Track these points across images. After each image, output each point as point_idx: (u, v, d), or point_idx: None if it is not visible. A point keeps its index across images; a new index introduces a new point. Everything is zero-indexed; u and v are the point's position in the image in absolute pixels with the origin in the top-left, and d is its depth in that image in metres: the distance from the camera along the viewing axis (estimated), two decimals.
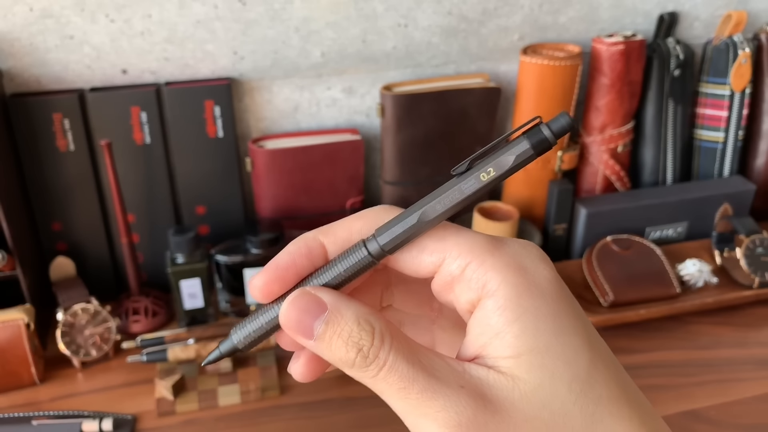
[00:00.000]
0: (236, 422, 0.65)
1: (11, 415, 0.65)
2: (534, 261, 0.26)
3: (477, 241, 0.26)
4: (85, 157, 0.74)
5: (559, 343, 0.25)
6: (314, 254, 0.28)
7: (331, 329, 0.26)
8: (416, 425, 0.25)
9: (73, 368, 0.71)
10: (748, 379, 0.70)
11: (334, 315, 0.26)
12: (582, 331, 0.26)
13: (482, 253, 0.26)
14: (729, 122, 0.90)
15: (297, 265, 0.28)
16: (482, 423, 0.24)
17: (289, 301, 0.27)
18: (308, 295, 0.27)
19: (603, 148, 0.87)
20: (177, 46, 0.76)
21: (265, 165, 0.79)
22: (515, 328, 0.25)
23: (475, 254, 0.26)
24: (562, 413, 0.24)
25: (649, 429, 0.25)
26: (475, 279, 0.26)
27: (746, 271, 0.80)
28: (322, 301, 0.26)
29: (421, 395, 0.24)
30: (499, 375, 0.25)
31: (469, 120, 0.83)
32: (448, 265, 0.26)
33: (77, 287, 0.74)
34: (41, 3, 0.70)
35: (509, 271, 0.25)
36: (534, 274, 0.26)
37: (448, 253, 0.26)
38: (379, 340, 0.25)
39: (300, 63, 0.80)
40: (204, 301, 0.75)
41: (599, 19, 0.87)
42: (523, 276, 0.26)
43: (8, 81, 0.73)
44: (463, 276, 0.26)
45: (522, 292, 0.25)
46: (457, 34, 0.83)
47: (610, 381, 0.25)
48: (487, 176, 0.26)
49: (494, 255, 0.26)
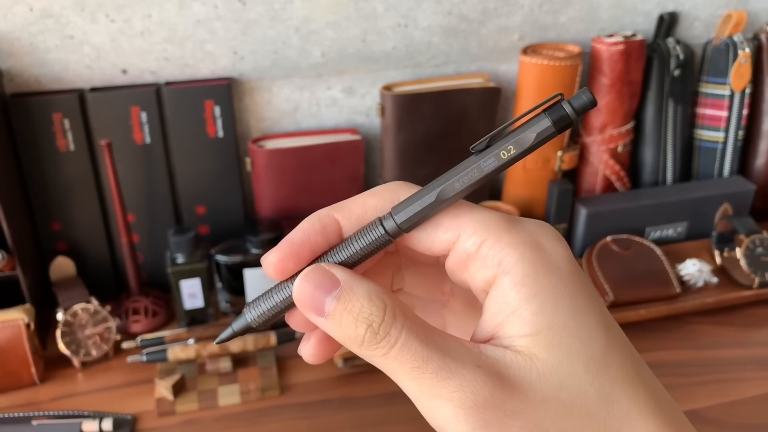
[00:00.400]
0: (236, 422, 0.65)
1: (11, 415, 0.65)
2: (550, 240, 0.26)
3: (493, 218, 0.26)
4: (85, 157, 0.74)
5: (575, 321, 0.24)
6: (329, 231, 0.28)
7: (342, 305, 0.25)
8: (430, 407, 0.24)
9: (73, 368, 0.71)
10: (748, 379, 0.70)
11: (346, 291, 0.26)
12: (598, 311, 0.25)
13: (498, 230, 0.26)
14: (729, 122, 0.90)
15: (312, 242, 0.27)
16: (499, 403, 0.24)
17: (303, 275, 0.26)
18: (322, 270, 0.26)
19: (603, 148, 0.87)
20: (177, 46, 0.76)
21: (265, 165, 0.79)
22: (533, 304, 0.24)
23: (490, 231, 0.26)
24: (579, 393, 0.24)
25: (663, 410, 0.25)
26: (491, 256, 0.25)
27: (746, 271, 0.80)
28: (335, 277, 0.26)
29: (435, 375, 0.24)
30: (516, 354, 0.24)
31: (469, 120, 0.83)
32: (463, 242, 0.26)
33: (77, 287, 0.74)
34: (41, 3, 0.70)
35: (526, 248, 0.25)
36: (551, 252, 0.25)
37: (464, 230, 0.26)
38: (391, 317, 0.25)
39: (300, 63, 0.80)
40: (204, 301, 0.75)
41: (599, 19, 0.87)
42: (540, 253, 0.25)
43: (8, 81, 0.73)
44: (478, 253, 0.26)
45: (539, 270, 0.25)
46: (457, 34, 0.83)
47: (625, 362, 0.25)
48: (507, 154, 0.26)
49: (510, 232, 0.25)
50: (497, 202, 0.84)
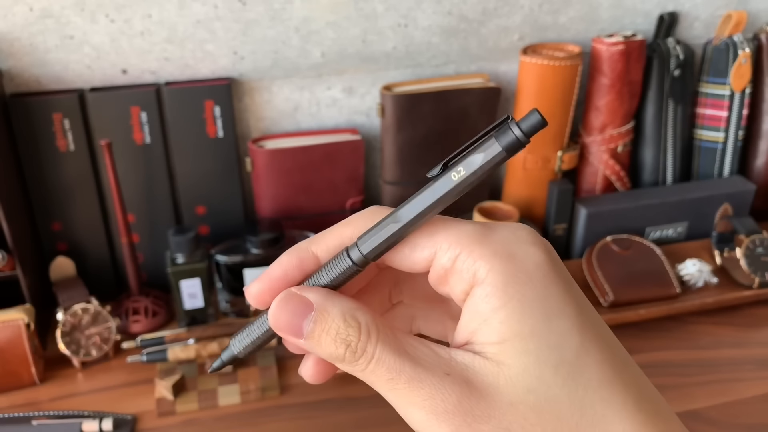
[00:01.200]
0: (236, 422, 0.65)
1: (11, 415, 0.65)
2: (523, 245, 0.27)
3: (465, 231, 0.27)
4: (85, 157, 0.74)
5: (545, 327, 0.25)
6: (305, 265, 0.29)
7: (319, 327, 0.26)
8: (407, 414, 0.26)
9: (73, 368, 0.71)
10: (748, 379, 0.70)
11: (321, 314, 0.26)
12: (573, 314, 0.26)
13: (471, 243, 0.26)
14: (729, 122, 0.90)
15: (288, 277, 0.28)
16: (467, 409, 0.24)
17: (276, 303, 0.27)
18: (294, 296, 0.27)
19: (603, 148, 0.87)
20: (177, 46, 0.76)
21: (265, 165, 0.79)
22: (501, 314, 0.25)
23: (464, 245, 0.26)
24: (549, 398, 0.24)
25: (645, 412, 0.25)
26: (465, 269, 0.26)
27: (746, 271, 0.80)
28: (308, 301, 0.27)
29: (408, 385, 0.25)
30: (485, 360, 0.25)
31: (469, 120, 0.83)
32: (440, 258, 0.27)
33: (77, 287, 0.74)
34: (41, 3, 0.70)
35: (497, 258, 0.26)
36: (523, 259, 0.26)
37: (439, 247, 0.27)
38: (366, 335, 0.26)
39: (300, 63, 0.80)
40: (204, 301, 0.75)
41: (599, 19, 0.87)
42: (511, 263, 0.26)
43: (8, 81, 0.73)
44: (454, 268, 0.26)
45: (509, 279, 0.25)
46: (457, 34, 0.83)
47: (603, 364, 0.25)
48: (457, 176, 0.26)
49: (482, 244, 0.26)
50: (497, 203, 0.84)
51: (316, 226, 0.80)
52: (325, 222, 0.83)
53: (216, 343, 0.70)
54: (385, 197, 0.85)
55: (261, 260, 0.76)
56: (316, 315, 0.26)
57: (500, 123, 0.25)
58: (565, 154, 0.86)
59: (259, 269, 0.76)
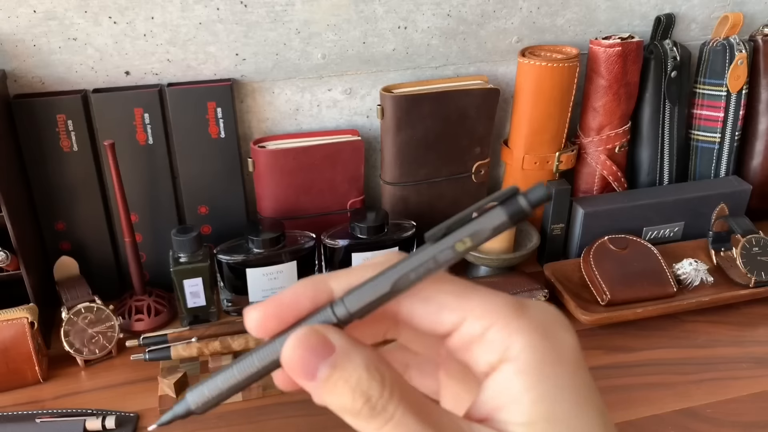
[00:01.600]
0: (238, 419, 0.66)
1: (15, 413, 0.66)
2: (558, 328, 0.26)
3: (500, 302, 0.25)
4: (88, 157, 0.75)
5: (574, 415, 0.24)
6: (319, 298, 0.26)
7: (338, 373, 0.24)
8: None
9: (77, 366, 0.72)
10: (744, 378, 0.71)
11: (342, 358, 0.24)
12: (598, 407, 0.25)
13: (507, 315, 0.25)
14: (725, 123, 0.91)
15: (299, 306, 0.26)
16: None
17: (298, 338, 0.25)
18: (317, 334, 0.25)
19: (600, 149, 0.88)
20: (179, 48, 0.76)
21: (267, 165, 0.80)
22: (533, 394, 0.24)
23: (500, 316, 0.25)
24: None
25: None
26: (497, 341, 0.25)
27: (743, 271, 0.81)
28: (330, 342, 0.25)
29: None
30: None
31: (468, 121, 0.84)
32: (470, 325, 0.25)
33: (81, 286, 0.74)
34: (45, 5, 0.71)
35: (534, 335, 0.25)
36: (559, 341, 0.25)
37: (471, 313, 0.25)
38: (389, 391, 0.24)
39: (301, 65, 0.81)
40: (206, 300, 0.76)
41: (596, 21, 0.88)
42: (548, 342, 0.25)
43: (12, 82, 0.74)
44: (484, 338, 0.25)
45: (545, 359, 0.24)
46: (456, 36, 0.84)
47: None
48: (462, 246, 0.25)
49: (519, 318, 0.25)
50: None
51: (317, 226, 0.81)
52: (326, 222, 0.84)
53: (218, 342, 0.70)
54: (385, 197, 0.85)
55: (262, 260, 0.76)
56: (338, 359, 0.24)
57: (508, 195, 0.25)
58: (563, 155, 0.87)
59: (260, 268, 0.76)
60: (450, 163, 0.85)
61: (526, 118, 0.84)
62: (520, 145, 0.86)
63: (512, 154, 0.88)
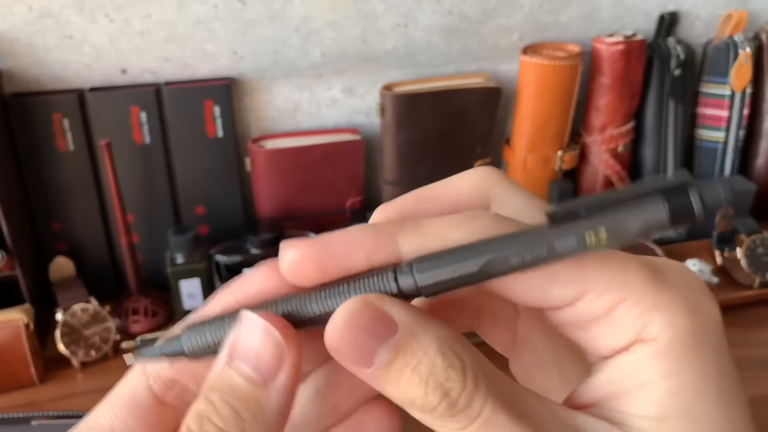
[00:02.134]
0: None
1: (11, 415, 0.65)
2: (703, 300, 0.20)
3: (631, 271, 0.20)
4: (84, 157, 0.74)
5: (719, 414, 0.19)
6: (377, 256, 0.20)
7: (402, 359, 0.19)
8: None
9: (73, 368, 0.71)
10: (749, 379, 0.70)
11: (407, 339, 0.19)
12: (743, 403, 0.20)
13: (640, 288, 0.20)
14: (730, 122, 0.90)
15: (351, 259, 0.20)
16: None
17: (348, 314, 0.19)
18: (374, 309, 0.19)
19: (603, 148, 0.87)
20: (177, 46, 0.76)
21: (265, 165, 0.79)
22: (671, 383, 0.19)
23: (632, 290, 0.20)
24: None
25: None
26: (629, 321, 0.20)
27: (747, 271, 0.80)
28: (391, 319, 0.19)
29: None
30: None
31: (469, 120, 0.83)
32: (591, 302, 0.20)
33: (77, 287, 0.74)
34: (41, 3, 0.70)
35: (677, 311, 0.20)
36: (703, 317, 0.20)
37: (592, 287, 0.20)
38: (472, 382, 0.19)
39: (300, 63, 0.80)
40: (203, 301, 0.75)
41: (599, 19, 0.87)
42: (693, 320, 0.20)
43: (7, 81, 0.73)
44: (611, 316, 0.20)
45: (688, 341, 0.19)
46: (457, 33, 0.83)
47: None
48: (594, 240, 0.19)
49: (658, 289, 0.20)
50: None
51: (316, 226, 0.80)
52: (325, 222, 0.83)
53: None
54: (385, 197, 0.85)
55: (261, 260, 0.75)
56: (401, 340, 0.19)
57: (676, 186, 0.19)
58: (566, 154, 0.86)
59: None
60: (451, 162, 0.84)
61: (528, 116, 0.84)
62: (522, 144, 0.86)
63: (514, 154, 0.87)
